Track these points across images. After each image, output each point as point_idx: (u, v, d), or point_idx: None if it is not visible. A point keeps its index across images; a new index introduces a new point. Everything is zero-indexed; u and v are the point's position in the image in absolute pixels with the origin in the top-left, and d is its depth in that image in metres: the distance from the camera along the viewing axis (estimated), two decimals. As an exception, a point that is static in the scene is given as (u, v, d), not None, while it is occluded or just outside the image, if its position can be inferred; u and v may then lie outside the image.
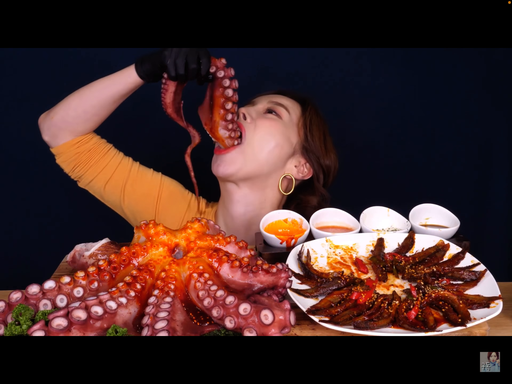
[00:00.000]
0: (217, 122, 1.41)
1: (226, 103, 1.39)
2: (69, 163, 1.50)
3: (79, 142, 1.48)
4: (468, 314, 0.96)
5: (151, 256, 1.03)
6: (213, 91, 1.40)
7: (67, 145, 1.48)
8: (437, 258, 1.14)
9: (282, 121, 1.52)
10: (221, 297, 0.92)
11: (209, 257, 1.02)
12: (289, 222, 1.30)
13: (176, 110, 1.40)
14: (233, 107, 1.40)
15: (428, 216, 1.30)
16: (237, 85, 1.38)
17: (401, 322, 0.95)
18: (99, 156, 1.51)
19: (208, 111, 1.42)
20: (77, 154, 1.49)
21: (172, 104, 1.38)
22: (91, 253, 1.14)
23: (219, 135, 1.42)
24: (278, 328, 0.88)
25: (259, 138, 1.48)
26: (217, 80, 1.38)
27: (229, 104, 1.39)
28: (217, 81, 1.38)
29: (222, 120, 1.41)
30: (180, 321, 0.92)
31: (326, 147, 1.57)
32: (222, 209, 1.59)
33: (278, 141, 1.50)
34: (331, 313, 0.98)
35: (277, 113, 1.52)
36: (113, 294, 0.92)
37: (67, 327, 0.85)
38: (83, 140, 1.49)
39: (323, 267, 1.14)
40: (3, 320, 0.91)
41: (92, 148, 1.51)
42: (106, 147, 1.53)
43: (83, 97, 1.45)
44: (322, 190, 1.58)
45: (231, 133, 1.42)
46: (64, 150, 1.48)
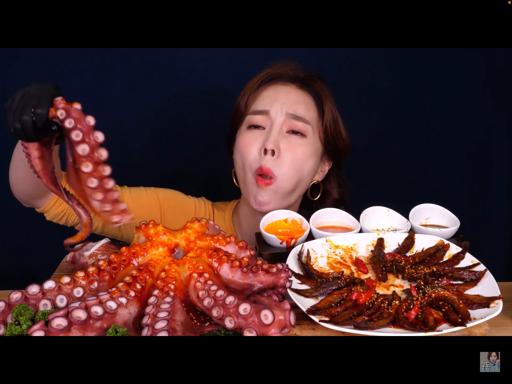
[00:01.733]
0: (85, 191, 1.00)
1: (84, 164, 0.97)
2: (59, 219, 1.41)
3: (58, 200, 1.37)
4: (468, 314, 0.96)
5: (151, 256, 1.03)
6: (72, 148, 0.99)
7: (48, 206, 1.37)
8: (437, 258, 1.14)
9: (307, 140, 1.43)
10: (221, 297, 0.92)
11: (209, 257, 1.02)
12: (289, 222, 1.30)
13: (52, 181, 1.05)
14: (97, 169, 0.98)
15: (428, 216, 1.30)
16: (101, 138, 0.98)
17: (401, 322, 0.95)
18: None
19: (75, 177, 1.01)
20: (63, 211, 1.39)
21: (43, 173, 1.05)
22: (91, 253, 1.14)
23: (94, 208, 1.01)
24: (278, 328, 0.88)
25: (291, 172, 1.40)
26: (68, 133, 0.98)
27: (88, 165, 0.97)
28: (69, 134, 0.98)
29: (87, 188, 0.99)
30: (180, 321, 0.92)
31: (341, 132, 1.51)
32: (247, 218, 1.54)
33: (309, 165, 1.44)
34: (331, 313, 0.98)
35: (301, 133, 1.43)
36: (113, 294, 0.92)
37: (67, 327, 0.85)
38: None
39: (323, 267, 1.14)
40: (3, 320, 0.91)
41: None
42: None
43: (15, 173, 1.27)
44: (342, 178, 1.57)
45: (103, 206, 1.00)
46: (48, 210, 1.38)
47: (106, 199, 1.00)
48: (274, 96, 1.45)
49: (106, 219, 1.02)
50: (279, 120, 1.42)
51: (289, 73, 1.50)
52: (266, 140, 1.40)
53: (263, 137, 1.42)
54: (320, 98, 1.49)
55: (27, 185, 1.28)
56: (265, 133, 1.42)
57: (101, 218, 1.02)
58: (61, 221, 1.43)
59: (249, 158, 1.42)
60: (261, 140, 1.42)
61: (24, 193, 1.32)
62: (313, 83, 1.50)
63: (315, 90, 1.49)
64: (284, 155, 1.40)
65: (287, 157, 1.40)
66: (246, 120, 1.47)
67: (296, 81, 1.49)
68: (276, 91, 1.47)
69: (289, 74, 1.50)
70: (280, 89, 1.47)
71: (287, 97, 1.45)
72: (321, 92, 1.49)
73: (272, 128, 1.42)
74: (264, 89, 1.48)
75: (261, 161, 1.40)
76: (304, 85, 1.49)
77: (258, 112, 1.44)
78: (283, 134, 1.42)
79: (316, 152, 1.46)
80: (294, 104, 1.44)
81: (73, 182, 1.02)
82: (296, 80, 1.49)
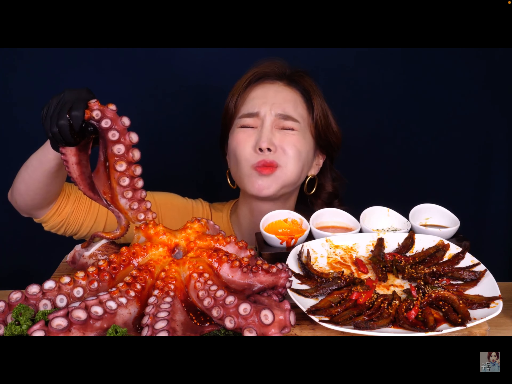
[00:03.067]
0: (115, 188, 1.06)
1: (118, 163, 1.04)
2: (58, 229, 1.41)
3: (58, 209, 1.38)
4: (468, 314, 0.96)
5: (151, 256, 1.03)
6: (106, 148, 1.05)
7: (48, 216, 1.38)
8: (437, 258, 1.14)
9: (299, 133, 1.46)
10: (221, 297, 0.92)
11: (209, 257, 1.02)
12: (289, 222, 1.30)
13: (90, 187, 1.09)
14: (130, 169, 1.05)
15: (428, 216, 1.30)
16: (135, 139, 1.04)
17: (401, 322, 0.95)
18: (86, 211, 1.42)
19: (104, 175, 1.07)
20: (62, 221, 1.40)
21: (81, 179, 1.08)
22: (91, 253, 1.14)
23: (121, 206, 1.08)
24: (278, 328, 0.88)
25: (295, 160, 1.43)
26: (105, 133, 1.03)
27: (122, 164, 1.04)
28: (105, 134, 1.03)
29: (118, 186, 1.06)
30: (180, 321, 0.92)
31: (331, 125, 1.52)
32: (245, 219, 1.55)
33: (306, 156, 1.47)
34: (331, 313, 0.98)
35: (291, 129, 1.45)
36: (113, 294, 0.92)
37: (67, 327, 0.85)
38: (61, 205, 1.38)
39: (323, 267, 1.14)
40: (3, 320, 0.91)
41: (74, 207, 1.40)
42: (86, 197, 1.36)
43: (25, 181, 1.29)
44: (335, 171, 1.59)
45: (132, 204, 1.08)
46: (47, 220, 1.39)
47: (135, 198, 1.08)
48: (263, 97, 1.46)
49: (132, 217, 1.09)
50: (268, 121, 1.44)
51: (275, 71, 1.51)
52: (259, 139, 1.41)
53: (255, 136, 1.44)
54: (308, 94, 1.50)
55: (37, 194, 1.30)
56: (257, 132, 1.44)
57: (126, 216, 1.09)
58: (60, 231, 1.43)
59: (244, 154, 1.44)
60: (254, 139, 1.43)
61: (30, 203, 1.33)
62: (300, 79, 1.51)
63: (302, 86, 1.50)
64: (283, 147, 1.42)
65: (285, 148, 1.43)
66: (237, 122, 1.48)
67: (283, 78, 1.50)
68: (264, 91, 1.47)
69: (276, 72, 1.50)
70: (268, 88, 1.48)
71: (275, 97, 1.46)
72: (309, 87, 1.50)
73: (263, 127, 1.43)
74: (252, 90, 1.49)
75: (259, 158, 1.41)
76: (291, 82, 1.50)
77: (248, 115, 1.46)
78: (274, 131, 1.44)
79: (308, 144, 1.48)
80: (283, 103, 1.45)
81: (102, 180, 1.07)
82: (283, 77, 1.50)
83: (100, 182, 1.07)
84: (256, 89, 1.49)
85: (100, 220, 1.44)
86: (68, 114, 1.01)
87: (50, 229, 1.42)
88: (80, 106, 1.02)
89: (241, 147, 1.44)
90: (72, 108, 1.02)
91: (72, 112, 1.01)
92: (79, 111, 1.01)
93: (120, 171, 1.04)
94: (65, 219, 1.40)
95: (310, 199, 1.59)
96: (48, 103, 1.07)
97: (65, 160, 1.07)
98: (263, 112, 1.44)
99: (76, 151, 1.07)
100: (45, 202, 1.35)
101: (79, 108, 1.01)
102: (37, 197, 1.31)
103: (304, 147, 1.46)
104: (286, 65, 1.52)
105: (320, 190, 1.58)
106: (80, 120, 1.02)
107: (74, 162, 1.07)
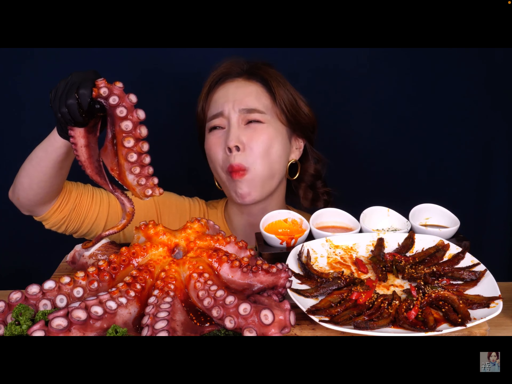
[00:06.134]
0: (122, 165, 1.07)
1: (126, 139, 1.04)
2: (59, 227, 1.42)
3: (60, 206, 1.39)
4: (468, 314, 0.96)
5: (151, 256, 1.03)
6: (114, 125, 1.06)
7: (49, 213, 1.39)
8: (437, 258, 1.14)
9: (267, 124, 1.46)
10: (221, 297, 0.92)
11: (209, 257, 1.02)
12: (289, 222, 1.29)
13: (97, 171, 1.10)
14: (138, 145, 1.06)
15: (428, 216, 1.30)
16: (142, 115, 1.05)
17: (401, 322, 0.95)
18: (87, 208, 1.43)
19: (112, 152, 1.08)
20: (64, 218, 1.40)
21: (89, 162, 1.09)
22: (91, 253, 1.14)
23: (129, 182, 1.09)
24: (278, 328, 0.88)
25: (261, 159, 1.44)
26: (112, 110, 1.04)
27: (130, 141, 1.04)
28: (113, 111, 1.04)
29: (126, 162, 1.07)
30: (180, 321, 0.92)
31: (302, 109, 1.53)
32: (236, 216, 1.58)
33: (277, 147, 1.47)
34: (331, 313, 0.98)
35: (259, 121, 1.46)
36: (113, 294, 0.92)
37: (67, 327, 0.85)
38: (63, 202, 1.39)
39: (323, 267, 1.14)
40: (3, 320, 0.91)
41: (76, 204, 1.41)
42: (88, 193, 1.44)
43: (30, 175, 1.30)
44: (316, 153, 1.60)
45: (139, 180, 1.08)
46: (49, 217, 1.39)
47: (142, 174, 1.08)
48: (224, 96, 1.49)
49: (140, 193, 1.10)
50: (234, 118, 1.46)
51: (234, 69, 1.52)
52: (227, 139, 1.43)
53: (224, 137, 1.46)
54: (268, 83, 1.50)
55: (40, 187, 1.31)
56: (225, 132, 1.46)
57: (134, 192, 1.10)
58: (60, 229, 1.44)
59: (218, 159, 1.47)
60: (224, 140, 1.46)
61: (32, 198, 1.34)
62: (258, 71, 1.52)
63: (262, 76, 1.51)
64: (250, 146, 1.44)
65: (253, 146, 1.44)
66: (207, 126, 1.52)
67: (242, 74, 1.52)
68: (225, 90, 1.50)
69: (234, 70, 1.52)
70: (228, 87, 1.50)
71: (235, 93, 1.48)
72: (267, 77, 1.51)
73: (230, 126, 1.45)
74: (215, 92, 1.52)
75: (229, 160, 1.44)
76: (251, 75, 1.51)
77: (213, 116, 1.48)
78: (242, 127, 1.46)
79: (280, 133, 1.49)
80: (244, 97, 1.47)
81: (110, 157, 1.08)
82: (242, 73, 1.52)
83: (108, 160, 1.09)
84: (218, 91, 1.51)
85: (102, 216, 1.45)
86: (76, 93, 1.03)
87: (51, 227, 1.43)
88: (87, 85, 1.03)
89: (213, 151, 1.48)
90: (80, 87, 1.03)
91: (79, 90, 1.03)
92: (86, 90, 1.03)
93: (128, 147, 1.05)
94: (67, 216, 1.41)
95: (293, 184, 1.62)
96: (56, 86, 1.09)
97: (74, 143, 1.08)
98: (227, 111, 1.46)
99: (84, 133, 1.07)
100: (47, 197, 1.35)
101: (87, 87, 1.03)
102: (41, 191, 1.32)
103: (276, 138, 1.47)
104: (243, 61, 1.54)
105: (303, 173, 1.60)
106: (88, 98, 1.03)
107: (83, 145, 1.08)
